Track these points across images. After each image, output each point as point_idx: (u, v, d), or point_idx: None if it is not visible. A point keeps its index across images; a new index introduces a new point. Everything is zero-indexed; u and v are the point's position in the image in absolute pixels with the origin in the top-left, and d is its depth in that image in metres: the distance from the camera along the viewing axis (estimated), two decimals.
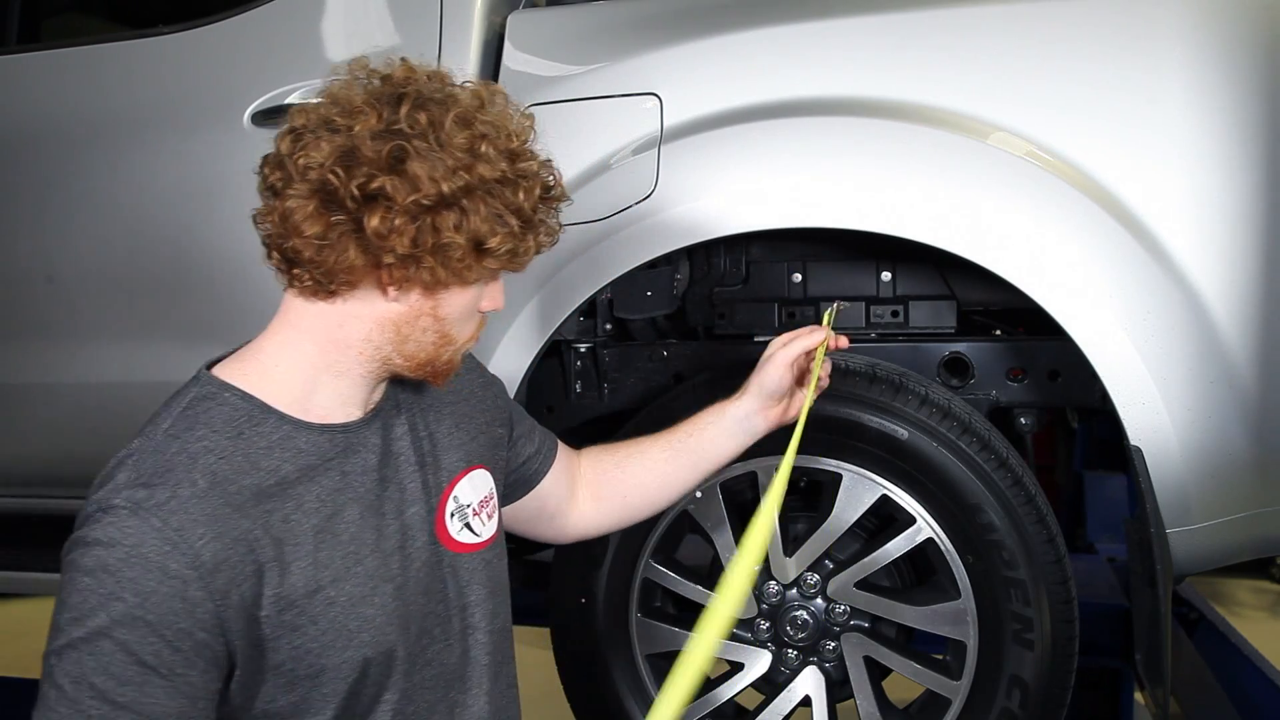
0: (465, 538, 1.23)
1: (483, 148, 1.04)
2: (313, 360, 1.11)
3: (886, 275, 1.81)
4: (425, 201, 1.01)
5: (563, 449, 1.47)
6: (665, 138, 1.66)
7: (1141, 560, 1.66)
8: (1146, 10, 1.51)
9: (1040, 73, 1.54)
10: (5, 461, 2.15)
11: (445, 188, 1.01)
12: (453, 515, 1.23)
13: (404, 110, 1.02)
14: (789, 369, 1.40)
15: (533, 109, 1.74)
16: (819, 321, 1.47)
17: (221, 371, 1.11)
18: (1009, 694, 1.60)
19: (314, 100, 1.07)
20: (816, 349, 1.40)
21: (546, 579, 1.85)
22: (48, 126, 2.03)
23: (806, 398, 1.40)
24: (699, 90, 1.66)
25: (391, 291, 1.07)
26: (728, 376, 1.69)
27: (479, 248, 1.05)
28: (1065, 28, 1.54)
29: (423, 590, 1.17)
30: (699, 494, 1.69)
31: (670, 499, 1.49)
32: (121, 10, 2.49)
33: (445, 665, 1.20)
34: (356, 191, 1.00)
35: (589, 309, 1.86)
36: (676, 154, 1.64)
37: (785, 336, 1.42)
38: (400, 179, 1.00)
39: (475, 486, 1.27)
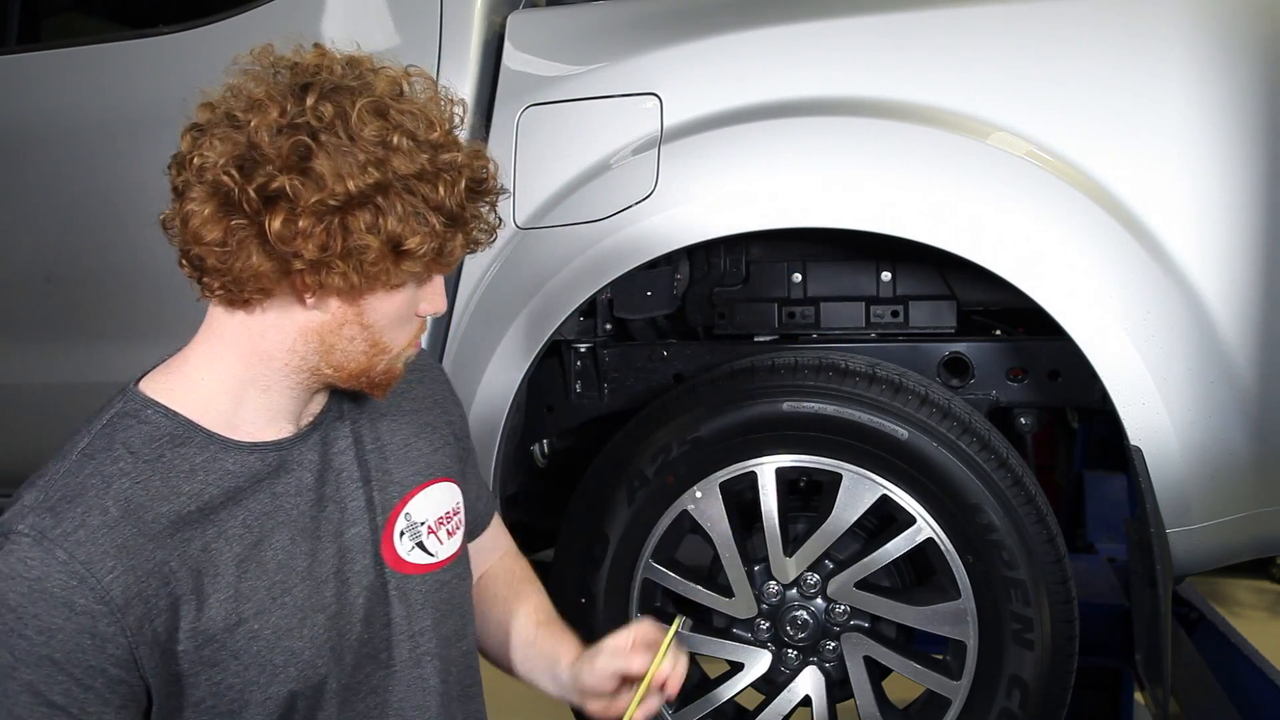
0: (417, 558, 1.12)
1: (397, 139, 0.93)
2: (237, 374, 1.01)
3: (886, 275, 1.81)
4: (332, 202, 0.90)
5: (499, 523, 1.35)
6: (665, 138, 1.66)
7: (1141, 560, 1.66)
8: (1146, 10, 1.51)
9: (1040, 73, 1.54)
10: (5, 462, 2.15)
11: (353, 185, 0.91)
12: (403, 534, 1.12)
13: (309, 101, 0.92)
14: (610, 679, 1.16)
15: (533, 109, 1.75)
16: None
17: (148, 385, 1.02)
18: (1009, 694, 1.60)
19: (219, 91, 0.99)
20: (645, 671, 1.14)
21: (546, 579, 1.84)
22: (48, 126, 2.03)
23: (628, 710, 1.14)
24: (699, 90, 1.66)
25: (309, 299, 0.97)
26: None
27: (397, 249, 0.94)
28: (1065, 28, 1.54)
29: (361, 618, 1.07)
30: (699, 494, 1.69)
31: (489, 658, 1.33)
32: (121, 10, 2.49)
33: (390, 693, 1.10)
34: (254, 194, 0.91)
35: (589, 309, 1.86)
36: (676, 154, 1.64)
37: (623, 639, 1.16)
38: (304, 178, 0.90)
39: (434, 501, 1.15)
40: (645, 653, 1.14)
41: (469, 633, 1.20)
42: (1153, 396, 1.49)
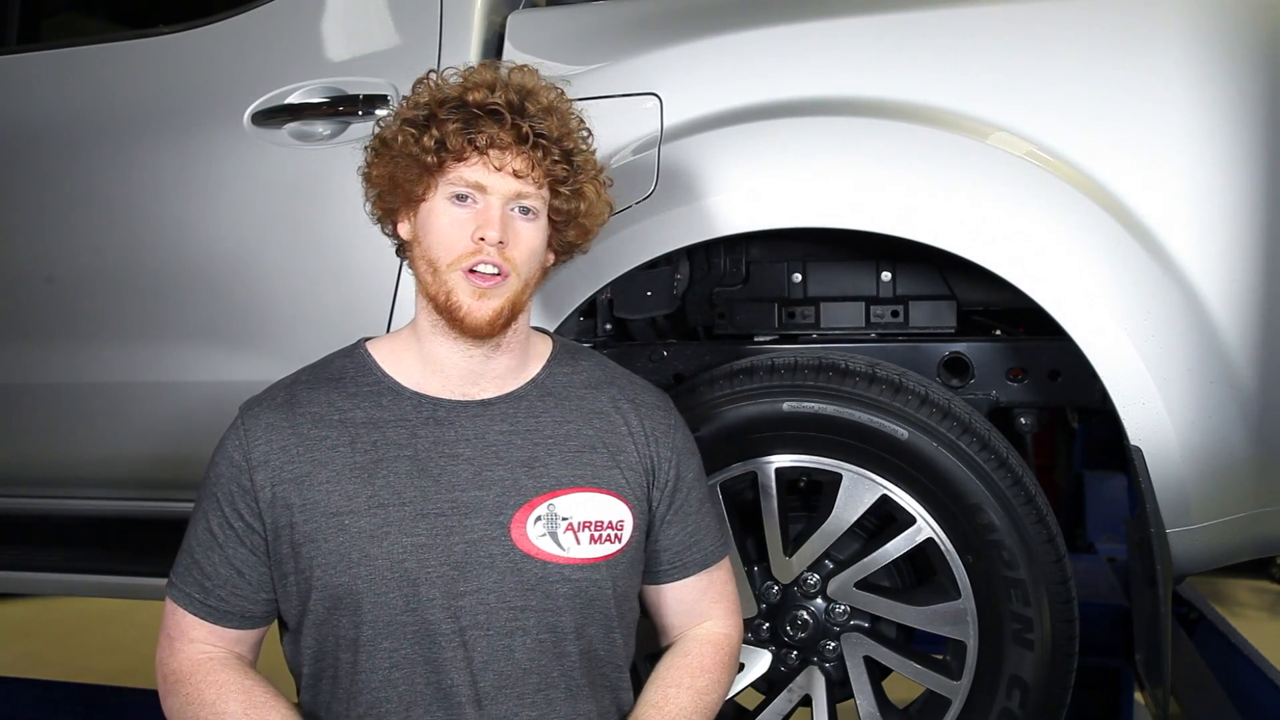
0: (546, 545, 1.27)
1: (414, 98, 1.31)
2: (416, 323, 1.33)
3: (886, 275, 1.81)
4: (383, 138, 1.32)
5: (709, 593, 1.43)
6: (665, 138, 1.66)
7: (1141, 560, 1.66)
8: (1146, 10, 1.51)
9: (1040, 73, 1.54)
10: (5, 462, 2.15)
11: (386, 128, 1.32)
12: (538, 519, 1.28)
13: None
14: None
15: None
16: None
17: (372, 340, 1.37)
18: (1009, 694, 1.60)
19: None
20: None
21: None
22: (48, 126, 2.03)
23: None
24: (699, 90, 1.66)
25: (401, 228, 1.32)
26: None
27: (383, 142, 1.30)
28: (1065, 28, 1.54)
29: (455, 565, 1.24)
30: None
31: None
32: (121, 10, 2.49)
33: (474, 650, 1.24)
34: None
35: (589, 309, 1.86)
36: (676, 154, 1.65)
37: None
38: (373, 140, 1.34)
39: (589, 507, 1.30)
40: None
41: (594, 635, 1.31)
42: (1153, 396, 1.49)
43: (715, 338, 1.90)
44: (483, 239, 1.24)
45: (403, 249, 1.36)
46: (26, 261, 2.06)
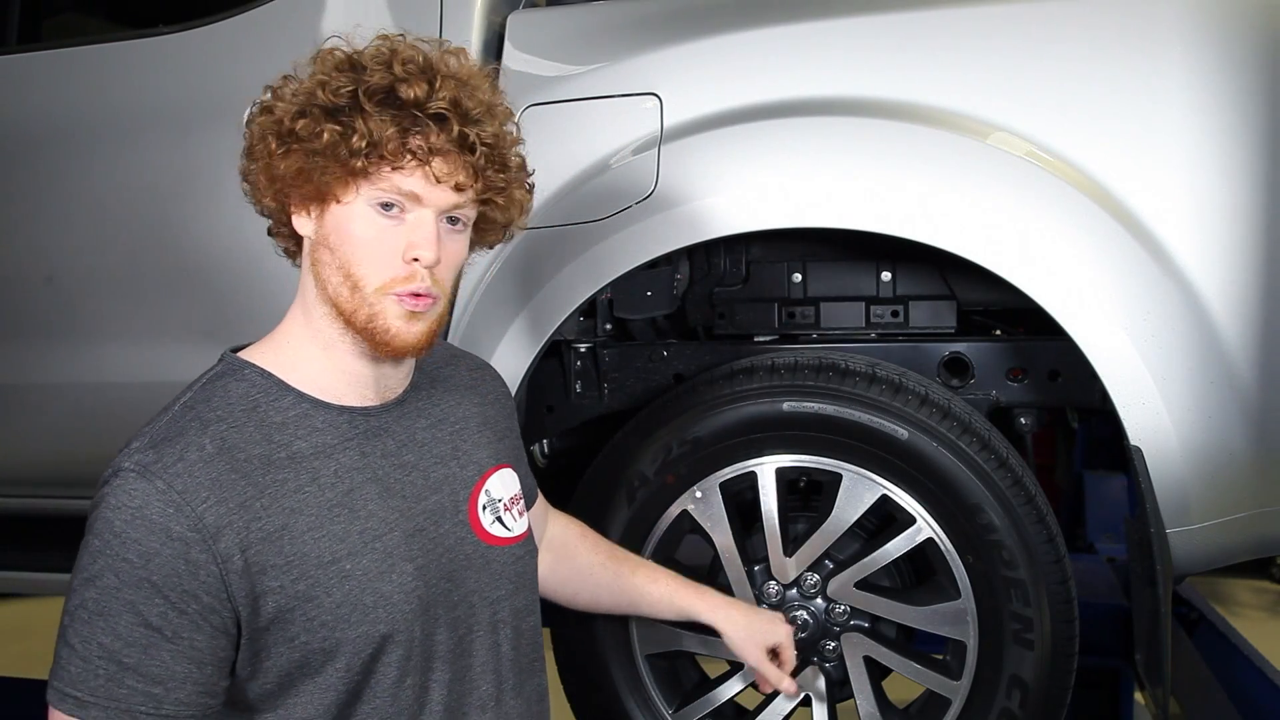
0: (497, 530, 1.25)
1: (319, 75, 1.12)
2: (305, 332, 1.15)
3: (886, 275, 1.81)
4: (284, 126, 1.10)
5: (540, 496, 1.50)
6: (665, 138, 1.66)
7: (1141, 560, 1.66)
8: (1146, 10, 1.51)
9: (1040, 73, 1.54)
10: (5, 462, 2.15)
11: (284, 109, 1.10)
12: (485, 508, 1.25)
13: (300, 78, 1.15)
14: (744, 651, 1.51)
15: (533, 109, 1.76)
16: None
17: (247, 352, 1.16)
18: (1009, 694, 1.60)
19: None
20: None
21: None
22: (48, 126, 2.03)
23: None
24: (699, 90, 1.66)
25: (296, 219, 1.13)
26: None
27: (288, 133, 1.09)
28: (1065, 28, 1.54)
29: (446, 575, 1.17)
30: (699, 494, 1.69)
31: (589, 608, 1.58)
32: (121, 10, 2.49)
33: (472, 657, 1.20)
34: (252, 143, 1.14)
35: (589, 309, 1.86)
36: (676, 154, 1.64)
37: (760, 650, 1.51)
38: (268, 116, 1.12)
39: (505, 484, 1.30)
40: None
41: (536, 608, 1.32)
42: (1153, 396, 1.49)
43: (715, 338, 1.90)
44: (416, 259, 1.09)
45: (285, 239, 1.18)
46: (27, 261, 2.06)
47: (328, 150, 1.07)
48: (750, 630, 1.51)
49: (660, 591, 1.52)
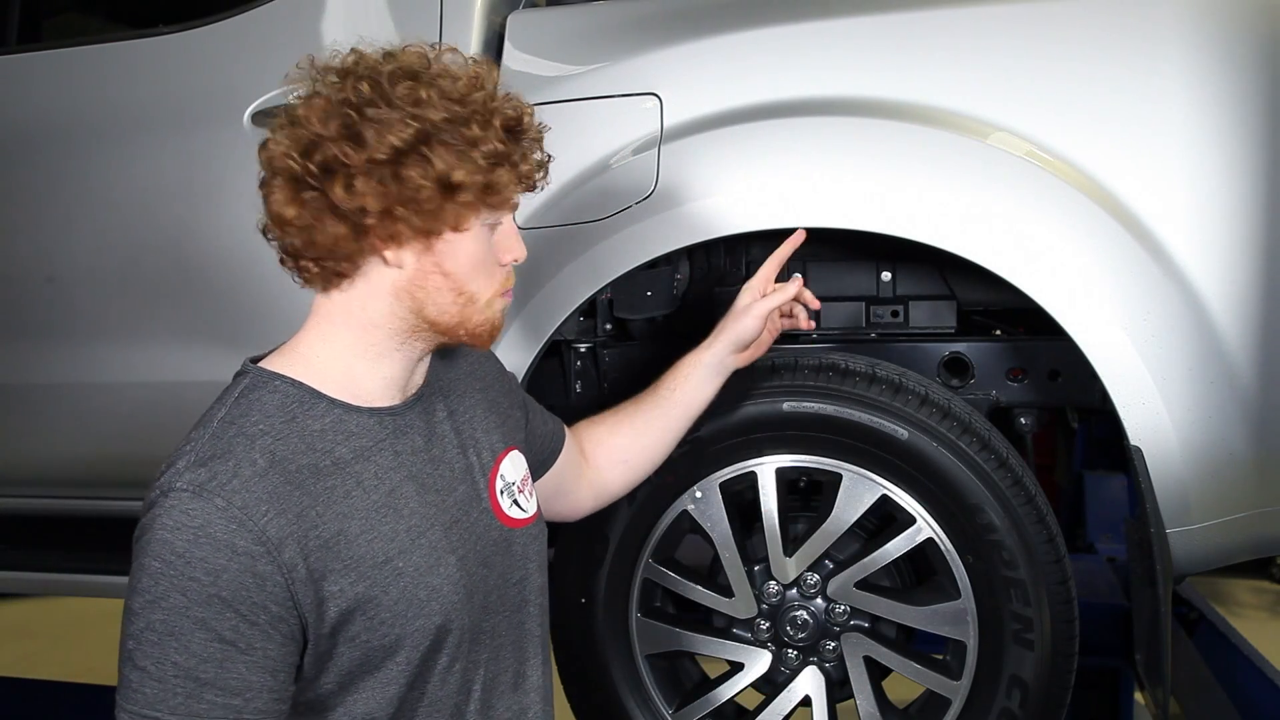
0: (515, 513, 1.29)
1: (425, 94, 1.07)
2: (349, 346, 1.15)
3: (886, 275, 1.81)
4: (380, 157, 1.05)
5: (567, 428, 1.53)
6: (665, 138, 1.66)
7: (1141, 560, 1.66)
8: (1146, 10, 1.51)
9: (1040, 73, 1.54)
10: (6, 462, 2.16)
11: (396, 140, 1.05)
12: (502, 492, 1.28)
13: (349, 85, 1.08)
14: (762, 321, 1.51)
15: (533, 109, 1.75)
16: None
17: (266, 364, 1.16)
18: (1009, 694, 1.60)
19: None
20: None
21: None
22: (48, 126, 2.03)
23: None
24: (699, 90, 1.66)
25: (388, 255, 1.10)
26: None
27: (446, 186, 1.07)
28: (1065, 28, 1.54)
29: (482, 562, 1.22)
30: (699, 493, 1.69)
31: (668, 451, 1.57)
32: (121, 10, 2.49)
33: (506, 637, 1.26)
34: (314, 168, 1.06)
35: (589, 309, 1.86)
36: (676, 154, 1.64)
37: (757, 286, 1.52)
38: (353, 144, 1.05)
39: (515, 466, 1.33)
40: (779, 292, 1.51)
41: (547, 585, 1.35)
42: (1153, 396, 1.49)
43: None
44: (513, 260, 1.19)
45: (329, 273, 1.13)
46: (27, 261, 2.06)
47: (495, 187, 1.10)
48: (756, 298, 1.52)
49: (685, 388, 1.53)
